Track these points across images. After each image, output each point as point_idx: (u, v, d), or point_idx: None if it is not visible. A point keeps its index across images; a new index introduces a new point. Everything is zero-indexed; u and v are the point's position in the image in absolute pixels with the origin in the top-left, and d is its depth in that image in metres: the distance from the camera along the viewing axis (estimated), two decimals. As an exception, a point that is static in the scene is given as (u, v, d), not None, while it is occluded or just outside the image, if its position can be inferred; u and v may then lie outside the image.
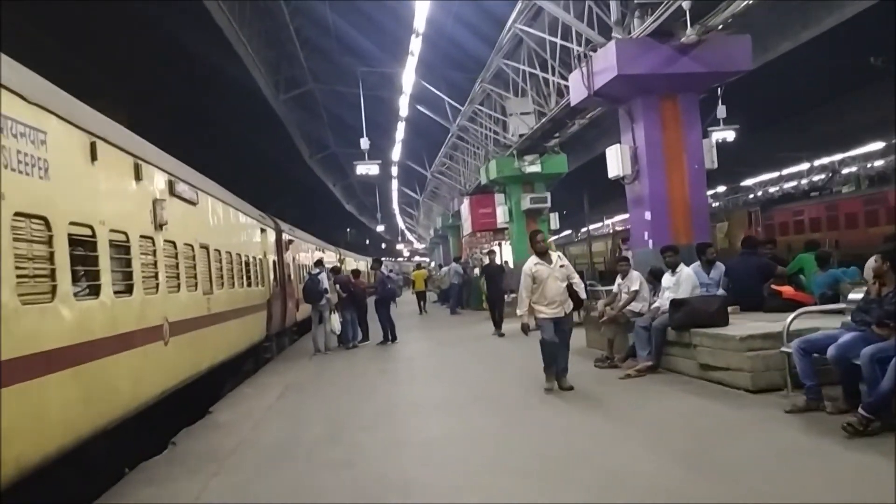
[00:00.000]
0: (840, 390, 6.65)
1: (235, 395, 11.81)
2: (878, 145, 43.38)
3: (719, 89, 14.75)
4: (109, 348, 7.06)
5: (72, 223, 6.40)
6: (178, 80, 24.65)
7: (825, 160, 48.31)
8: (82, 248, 6.69)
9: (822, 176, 48.48)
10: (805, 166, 49.05)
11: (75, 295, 6.42)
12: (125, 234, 7.77)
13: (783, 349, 7.51)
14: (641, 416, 7.47)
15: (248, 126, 31.30)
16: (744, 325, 8.85)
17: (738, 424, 6.77)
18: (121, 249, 7.68)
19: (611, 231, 58.44)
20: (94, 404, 6.72)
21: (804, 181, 49.57)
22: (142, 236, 8.33)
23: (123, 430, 7.69)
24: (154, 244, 8.76)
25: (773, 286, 10.22)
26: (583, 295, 9.39)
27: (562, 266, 9.14)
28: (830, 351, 6.42)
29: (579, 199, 34.19)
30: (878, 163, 45.34)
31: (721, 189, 55.70)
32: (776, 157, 45.74)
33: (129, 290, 7.77)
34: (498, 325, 16.74)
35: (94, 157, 7.02)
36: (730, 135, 21.05)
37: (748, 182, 55.84)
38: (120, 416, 7.43)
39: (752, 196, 54.81)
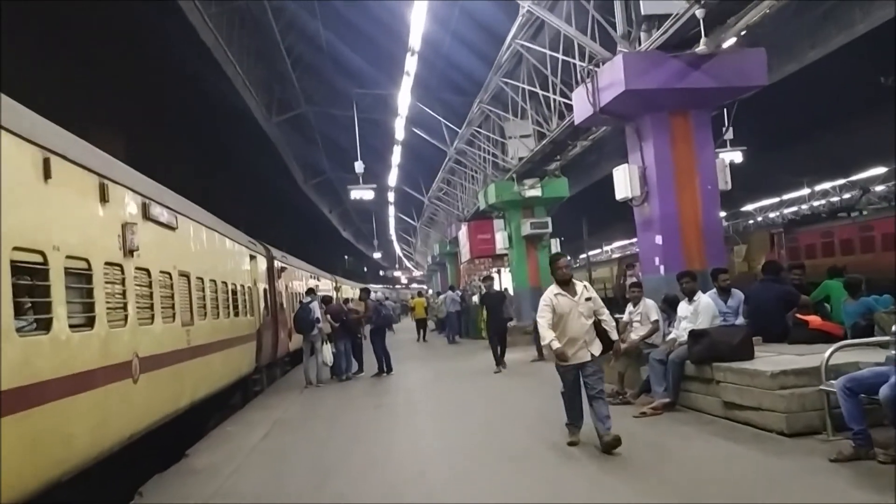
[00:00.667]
0: (893, 435, 5.84)
1: (217, 434, 10.97)
2: (880, 170, 42.90)
3: (725, 110, 13.97)
4: (62, 390, 6.23)
5: (17, 248, 5.63)
6: (162, 100, 23.93)
7: (827, 185, 47.80)
8: (30, 277, 5.90)
9: (826, 197, 47.83)
10: (809, 190, 48.20)
11: (19, 330, 5.62)
12: (86, 261, 6.98)
13: (822, 387, 6.72)
14: (667, 465, 6.61)
15: (240, 149, 30.62)
16: (771, 358, 8.05)
17: (779, 477, 5.92)
18: (81, 278, 6.89)
19: (610, 257, 57.81)
20: (42, 455, 5.91)
21: (833, 199, 48.08)
22: (107, 263, 7.53)
23: (83, 479, 6.89)
24: (123, 272, 7.96)
25: (798, 315, 9.42)
26: (614, 335, 7.76)
27: (588, 299, 7.51)
28: (885, 391, 5.62)
29: (578, 224, 33.48)
30: (880, 188, 44.82)
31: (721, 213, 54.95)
32: (779, 180, 45.09)
33: (89, 323, 6.96)
34: (501, 356, 15.50)
35: (47, 174, 6.25)
36: (737, 156, 20.35)
37: (749, 207, 55.27)
38: (76, 466, 6.60)
39: (753, 219, 54.08)
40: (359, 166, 25.62)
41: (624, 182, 12.11)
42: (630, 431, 7.99)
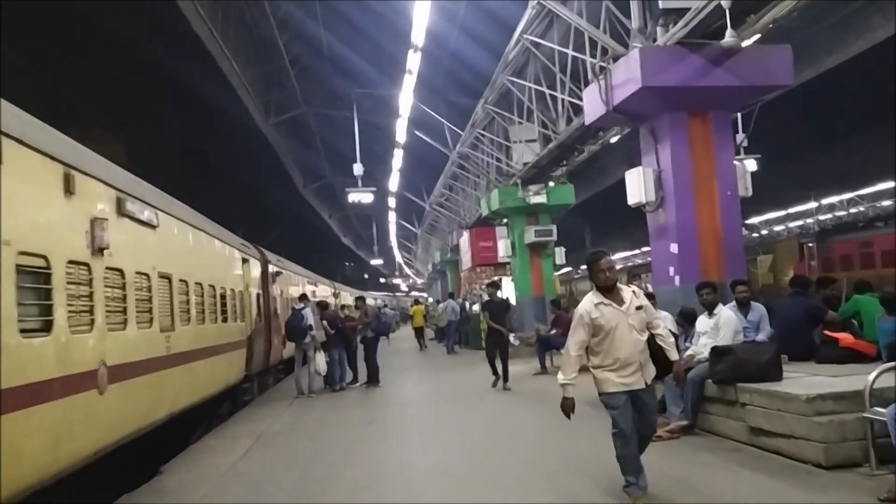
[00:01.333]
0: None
1: (197, 448, 10.22)
2: (889, 184, 42.02)
3: (739, 114, 13.24)
4: (8, 403, 5.51)
5: (-47, 242, 4.92)
6: (155, 98, 23.22)
7: (834, 199, 46.94)
8: (-30, 275, 5.19)
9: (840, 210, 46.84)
10: (816, 203, 47.19)
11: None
12: (44, 258, 6.27)
13: (867, 415, 5.97)
14: (690, 500, 5.84)
15: (236, 150, 29.81)
16: (802, 380, 7.31)
17: (822, 519, 5.19)
18: (36, 277, 6.18)
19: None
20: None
21: (840, 213, 46.75)
22: (71, 262, 6.81)
23: (43, 499, 6.19)
24: (90, 272, 7.24)
25: (827, 332, 8.68)
26: (674, 355, 6.05)
27: (639, 308, 5.77)
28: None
29: (580, 233, 32.71)
30: (887, 202, 43.95)
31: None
32: (784, 193, 44.15)
33: (46, 327, 6.24)
34: (503, 375, 13.80)
35: (-3, 159, 5.55)
36: (752, 165, 19.55)
37: (754, 220, 54.38)
38: (27, 487, 5.89)
39: (758, 232, 53.20)
40: (358, 168, 24.93)
41: (637, 186, 11.34)
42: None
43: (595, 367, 5.79)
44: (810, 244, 27.51)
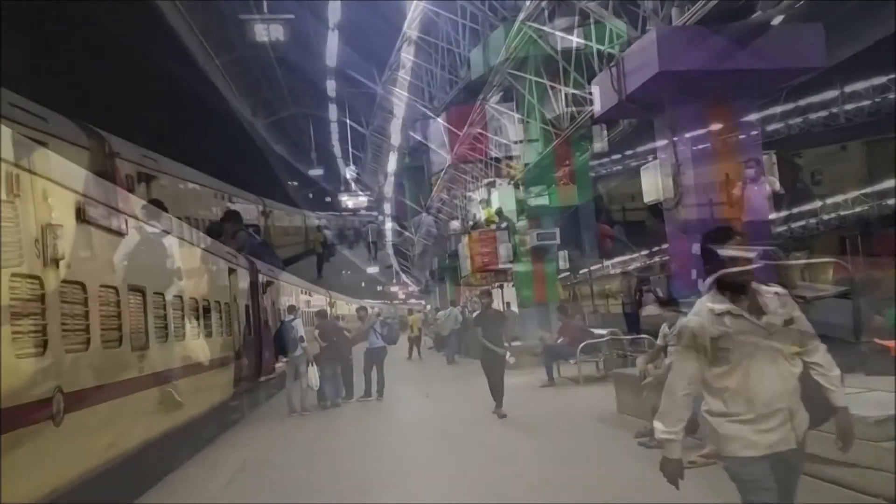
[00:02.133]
0: None
1: (174, 479, 9.32)
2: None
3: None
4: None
5: None
6: (139, 94, 22.32)
7: (839, 198, 46.20)
8: None
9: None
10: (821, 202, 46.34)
11: None
12: (-17, 271, 5.36)
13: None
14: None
15: (223, 151, 28.98)
16: (861, 397, 6.38)
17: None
18: (-31, 294, 5.25)
19: (608, 272, 55.71)
20: None
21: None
22: (16, 276, 5.87)
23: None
24: (42, 286, 6.30)
25: (877, 340, 7.82)
26: (839, 398, 3.68)
27: (789, 322, 3.62)
28: None
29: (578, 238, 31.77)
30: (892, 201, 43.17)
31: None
32: (790, 190, 43.25)
33: (-16, 353, 5.32)
34: (498, 399, 11.76)
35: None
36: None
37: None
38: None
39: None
40: (349, 171, 24.17)
41: (654, 183, 10.45)
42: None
43: (716, 415, 3.71)
44: (852, 238, 25.83)
